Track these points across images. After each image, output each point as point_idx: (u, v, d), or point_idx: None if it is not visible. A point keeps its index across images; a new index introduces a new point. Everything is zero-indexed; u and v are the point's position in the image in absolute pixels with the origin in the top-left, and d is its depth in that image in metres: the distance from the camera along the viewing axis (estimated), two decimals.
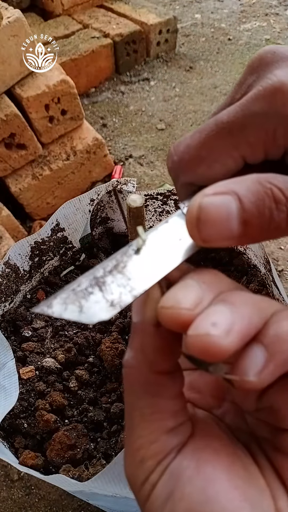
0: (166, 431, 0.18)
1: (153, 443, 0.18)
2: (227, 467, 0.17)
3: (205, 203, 0.17)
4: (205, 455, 0.18)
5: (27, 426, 0.47)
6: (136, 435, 0.18)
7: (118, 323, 0.55)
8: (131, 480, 0.19)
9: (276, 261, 1.18)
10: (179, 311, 0.16)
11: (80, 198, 0.60)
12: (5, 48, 0.99)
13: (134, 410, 0.19)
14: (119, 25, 1.79)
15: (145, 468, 0.18)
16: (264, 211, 0.17)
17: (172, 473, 0.17)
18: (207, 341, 0.15)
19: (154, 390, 0.18)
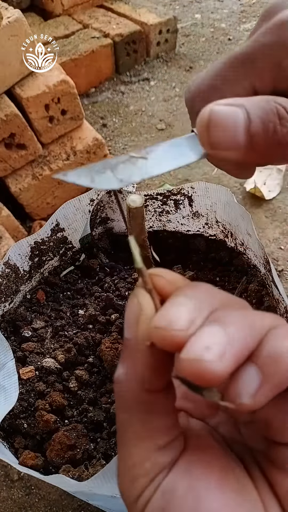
0: (158, 448, 0.18)
1: (146, 461, 0.18)
2: (219, 481, 0.17)
3: (216, 109, 0.19)
4: (197, 471, 0.18)
5: (27, 426, 0.47)
6: (129, 453, 0.18)
7: (118, 323, 0.55)
8: (124, 495, 0.19)
9: (276, 261, 1.18)
10: (172, 332, 0.16)
11: (80, 198, 0.60)
12: (5, 48, 0.99)
13: (126, 428, 0.18)
14: (119, 25, 1.79)
15: (138, 486, 0.18)
16: (268, 125, 0.19)
17: (164, 491, 0.17)
18: (200, 366, 0.15)
19: (146, 407, 0.18)
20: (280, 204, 1.32)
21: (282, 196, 1.34)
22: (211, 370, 0.14)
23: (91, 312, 0.57)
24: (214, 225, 0.63)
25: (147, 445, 0.18)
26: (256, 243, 0.53)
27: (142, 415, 0.18)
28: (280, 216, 1.29)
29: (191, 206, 0.62)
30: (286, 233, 1.25)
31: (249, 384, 0.15)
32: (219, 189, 0.58)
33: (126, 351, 0.18)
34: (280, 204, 1.32)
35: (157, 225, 0.66)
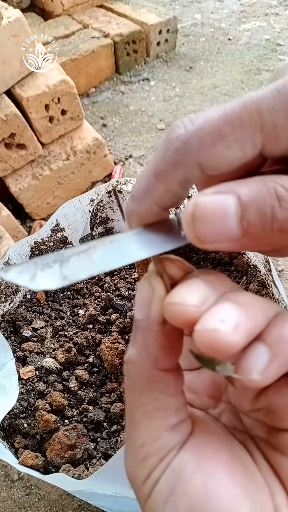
0: (168, 428, 0.18)
1: (156, 440, 0.18)
2: (227, 463, 0.18)
3: (201, 201, 0.16)
4: (206, 451, 0.18)
5: (27, 426, 0.47)
6: (139, 432, 0.18)
7: (118, 323, 0.55)
8: (132, 478, 0.19)
9: (276, 261, 1.18)
10: (186, 307, 0.16)
11: (80, 198, 0.60)
12: (5, 48, 0.99)
13: (136, 407, 0.19)
14: (119, 25, 1.79)
15: (147, 465, 0.18)
16: (266, 209, 0.16)
17: (173, 470, 0.17)
18: (215, 337, 0.15)
19: (157, 387, 0.18)
20: None
21: None
22: (225, 341, 0.15)
23: (91, 312, 0.57)
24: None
25: (157, 425, 0.18)
26: None
27: (153, 394, 0.18)
28: None
29: None
30: None
31: (259, 361, 0.16)
32: None
33: (137, 332, 0.19)
34: None
35: None
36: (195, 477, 0.17)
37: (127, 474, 0.19)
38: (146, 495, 0.18)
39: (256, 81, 1.82)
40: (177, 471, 0.17)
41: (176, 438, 0.18)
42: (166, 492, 0.17)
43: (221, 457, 0.18)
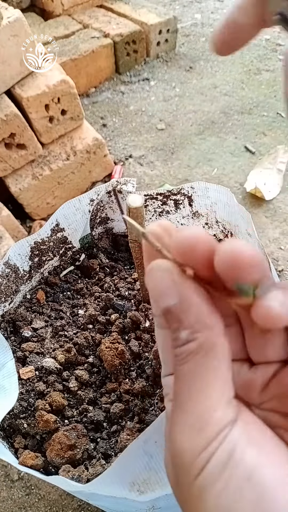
0: (226, 400, 0.19)
1: (216, 411, 0.18)
2: (272, 439, 0.19)
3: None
4: (254, 430, 0.19)
5: (27, 426, 0.47)
6: (199, 402, 0.19)
7: (118, 323, 0.55)
8: (184, 451, 0.18)
9: (276, 261, 1.18)
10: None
11: (80, 198, 0.60)
12: (5, 48, 0.99)
13: (196, 376, 0.19)
14: (119, 25, 1.79)
15: (206, 435, 0.18)
16: None
17: (229, 443, 0.18)
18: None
19: (219, 355, 0.19)
20: (280, 204, 1.32)
21: (282, 196, 1.34)
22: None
23: (91, 312, 0.57)
24: (214, 225, 0.63)
25: (217, 395, 0.19)
26: (256, 243, 0.53)
27: (215, 363, 0.19)
28: (280, 216, 1.29)
29: (191, 206, 0.62)
30: (286, 233, 1.25)
31: (280, 296, 0.18)
32: (219, 189, 0.58)
33: (185, 313, 0.19)
34: (280, 204, 1.32)
35: None
36: (249, 448, 0.18)
37: (174, 450, 0.19)
38: (199, 468, 0.18)
39: (256, 81, 1.82)
40: (233, 442, 0.18)
41: (231, 413, 0.19)
42: (222, 463, 0.17)
43: (266, 433, 0.19)
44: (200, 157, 1.51)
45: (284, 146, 1.43)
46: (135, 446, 0.34)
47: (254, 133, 1.58)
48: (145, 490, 0.36)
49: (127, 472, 0.36)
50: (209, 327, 0.19)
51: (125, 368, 0.51)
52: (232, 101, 1.73)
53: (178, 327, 0.20)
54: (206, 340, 0.19)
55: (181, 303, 0.19)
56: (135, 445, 0.34)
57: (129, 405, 0.48)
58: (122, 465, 0.35)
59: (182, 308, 0.19)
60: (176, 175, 1.45)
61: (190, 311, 0.19)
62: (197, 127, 1.63)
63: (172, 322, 0.20)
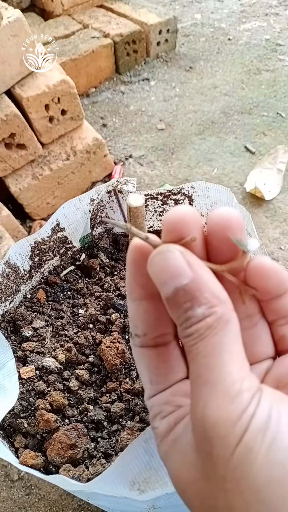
0: (249, 369, 0.20)
1: (245, 378, 0.19)
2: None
3: None
4: (280, 393, 0.19)
5: (27, 425, 0.47)
6: (228, 371, 0.19)
7: (119, 323, 0.55)
8: (220, 423, 0.18)
9: (276, 261, 1.18)
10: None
11: (80, 198, 0.60)
12: (5, 48, 0.99)
13: (222, 348, 0.19)
14: (119, 25, 1.79)
15: (242, 401, 0.18)
16: None
17: (265, 403, 0.18)
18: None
19: (237, 327, 0.20)
20: (280, 204, 1.32)
21: (282, 196, 1.34)
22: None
23: (92, 312, 0.57)
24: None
25: (242, 364, 0.19)
26: None
27: (233, 334, 0.20)
28: (280, 216, 1.29)
29: (191, 206, 0.62)
30: (286, 233, 1.25)
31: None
32: (219, 189, 0.58)
33: (202, 289, 0.20)
34: (280, 204, 1.32)
35: (157, 224, 0.66)
36: (284, 405, 0.18)
37: (207, 427, 0.19)
38: (239, 435, 0.18)
39: (256, 81, 1.82)
40: (269, 403, 0.18)
41: (257, 381, 0.19)
42: (264, 420, 0.18)
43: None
44: (200, 157, 1.51)
45: (284, 146, 1.43)
46: (136, 445, 0.34)
47: (254, 133, 1.58)
48: (146, 489, 0.36)
49: (127, 471, 0.36)
50: (224, 301, 0.20)
51: (126, 368, 0.51)
52: (232, 101, 1.74)
53: (191, 305, 0.20)
54: (223, 314, 0.20)
55: (194, 281, 0.20)
56: (135, 444, 0.34)
57: (129, 405, 0.48)
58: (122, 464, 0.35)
59: (196, 284, 0.20)
60: (176, 175, 1.45)
61: (205, 287, 0.20)
62: (197, 127, 1.64)
63: (184, 302, 0.20)
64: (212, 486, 0.19)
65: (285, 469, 0.17)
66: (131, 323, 0.23)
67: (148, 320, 0.23)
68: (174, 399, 0.23)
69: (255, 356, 0.22)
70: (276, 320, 0.22)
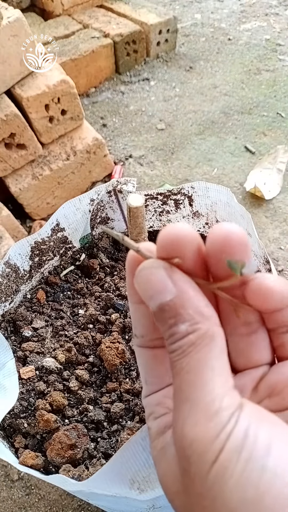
0: (232, 386, 0.19)
1: (225, 396, 0.19)
2: (277, 419, 0.19)
3: None
4: (261, 410, 0.19)
5: (27, 426, 0.47)
6: (208, 389, 0.19)
7: (118, 323, 0.55)
8: (198, 439, 0.18)
9: (276, 261, 1.18)
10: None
11: (80, 198, 0.60)
12: (5, 48, 0.99)
13: (203, 365, 0.19)
14: (119, 25, 1.79)
15: (220, 420, 0.18)
16: None
17: (243, 422, 0.18)
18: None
19: (220, 344, 0.20)
20: (280, 204, 1.32)
21: (282, 196, 1.34)
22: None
23: (91, 312, 0.57)
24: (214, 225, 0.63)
25: (224, 381, 0.19)
26: (256, 243, 0.53)
27: (219, 352, 0.19)
28: (280, 216, 1.29)
29: (191, 206, 0.62)
30: (286, 233, 1.25)
31: (270, 276, 0.20)
32: (219, 189, 0.58)
33: (180, 307, 0.20)
34: (280, 204, 1.32)
35: (157, 224, 0.66)
36: (262, 424, 0.18)
37: (184, 444, 0.19)
38: (215, 454, 0.18)
39: (256, 81, 1.82)
40: (247, 421, 0.18)
41: (238, 397, 0.19)
42: (240, 440, 0.17)
43: (270, 414, 0.19)
44: (200, 157, 1.51)
45: (284, 146, 1.43)
46: (134, 442, 0.34)
47: (254, 133, 1.58)
48: (145, 489, 0.36)
49: (126, 469, 0.36)
50: (208, 318, 0.20)
51: (126, 368, 0.51)
52: (232, 101, 1.74)
53: (175, 322, 0.20)
54: (207, 330, 0.19)
55: (178, 297, 0.20)
56: (133, 441, 0.34)
57: (129, 405, 0.48)
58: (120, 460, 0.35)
59: (179, 301, 0.20)
60: (176, 175, 1.45)
61: (188, 304, 0.20)
62: (197, 127, 1.64)
63: (169, 317, 0.20)
64: (192, 501, 0.19)
65: (258, 491, 0.16)
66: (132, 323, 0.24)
67: (146, 324, 0.23)
68: (165, 401, 0.23)
69: (251, 362, 0.22)
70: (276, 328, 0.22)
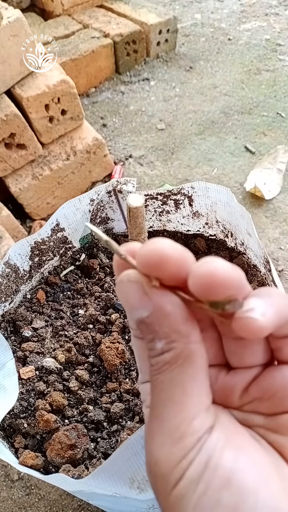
0: (204, 408, 0.19)
1: (194, 420, 0.18)
2: (249, 440, 0.19)
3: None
4: (232, 431, 0.19)
5: (27, 426, 0.47)
6: (176, 411, 0.18)
7: (118, 323, 0.55)
8: (161, 461, 0.18)
9: (276, 261, 1.18)
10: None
11: (80, 198, 0.60)
12: (5, 48, 0.99)
13: (174, 386, 0.19)
14: (119, 25, 1.79)
15: (184, 446, 0.18)
16: None
17: (207, 449, 0.18)
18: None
19: (195, 363, 0.19)
20: (280, 204, 1.32)
21: (282, 196, 1.34)
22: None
23: (91, 312, 0.57)
24: (214, 225, 0.63)
25: (196, 403, 0.18)
26: (256, 243, 0.53)
27: (192, 372, 0.19)
28: (280, 216, 1.29)
29: (191, 206, 0.62)
30: (286, 233, 1.25)
31: (261, 306, 0.18)
32: (219, 189, 0.58)
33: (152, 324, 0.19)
34: (280, 204, 1.32)
35: (157, 225, 0.66)
36: (227, 452, 0.17)
37: (152, 459, 0.19)
38: (177, 478, 0.17)
39: (256, 81, 1.82)
40: (211, 449, 0.17)
41: (209, 420, 0.18)
42: (200, 470, 0.17)
43: (244, 435, 0.19)
44: (200, 157, 1.51)
45: (284, 146, 1.43)
46: (133, 441, 0.34)
47: (254, 133, 1.58)
48: (145, 488, 0.36)
49: (126, 467, 0.36)
50: (185, 336, 0.19)
51: (126, 368, 0.51)
52: (232, 101, 1.73)
53: (153, 337, 0.19)
54: (182, 350, 0.19)
55: (154, 314, 0.19)
56: (133, 439, 0.34)
57: (129, 405, 0.48)
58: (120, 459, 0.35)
59: (155, 319, 0.19)
60: (176, 175, 1.45)
61: (164, 322, 0.19)
62: (197, 127, 1.63)
63: (147, 333, 0.19)
64: (161, 506, 0.19)
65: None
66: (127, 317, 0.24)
67: None
68: None
69: (244, 363, 0.22)
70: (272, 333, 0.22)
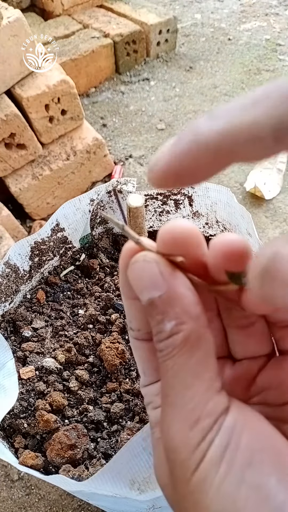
0: (217, 390, 0.19)
1: (208, 402, 0.18)
2: (265, 421, 0.19)
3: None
4: (247, 410, 0.19)
5: (27, 426, 0.47)
6: (190, 395, 0.18)
7: (118, 323, 0.55)
8: (179, 447, 0.18)
9: None
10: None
11: (80, 198, 0.60)
12: (5, 48, 0.99)
13: (186, 370, 0.19)
14: (119, 25, 1.79)
15: (201, 428, 0.18)
16: None
17: (226, 429, 0.18)
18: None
19: (205, 347, 0.19)
20: (280, 204, 1.32)
21: (282, 196, 1.34)
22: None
23: (91, 312, 0.57)
24: (214, 225, 0.63)
25: (207, 386, 0.18)
26: (256, 243, 0.53)
27: (202, 355, 0.19)
28: (280, 216, 1.29)
29: (191, 206, 0.62)
30: (286, 233, 1.25)
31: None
32: (219, 189, 0.58)
33: (164, 306, 0.19)
34: (280, 204, 1.32)
35: (157, 225, 0.66)
36: (246, 431, 0.17)
37: (170, 447, 0.19)
38: (197, 462, 0.17)
39: (256, 81, 1.82)
40: (229, 428, 0.17)
41: (223, 402, 0.19)
42: (220, 451, 0.17)
43: (259, 416, 0.19)
44: None
45: None
46: (134, 442, 0.34)
47: None
48: (146, 489, 0.36)
49: (126, 469, 0.36)
50: (195, 318, 0.19)
51: (125, 368, 0.51)
52: None
53: (162, 319, 0.19)
54: (191, 332, 0.19)
55: (167, 294, 0.19)
56: (134, 441, 0.34)
57: (129, 405, 0.48)
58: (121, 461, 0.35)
59: (168, 299, 0.19)
60: None
61: (176, 302, 0.19)
62: None
63: (156, 314, 0.19)
64: (177, 498, 0.19)
65: (235, 505, 0.16)
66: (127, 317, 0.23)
67: (141, 318, 0.22)
68: None
69: (248, 353, 0.22)
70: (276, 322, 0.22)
